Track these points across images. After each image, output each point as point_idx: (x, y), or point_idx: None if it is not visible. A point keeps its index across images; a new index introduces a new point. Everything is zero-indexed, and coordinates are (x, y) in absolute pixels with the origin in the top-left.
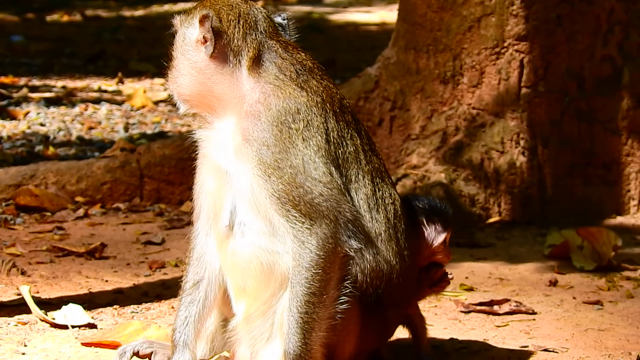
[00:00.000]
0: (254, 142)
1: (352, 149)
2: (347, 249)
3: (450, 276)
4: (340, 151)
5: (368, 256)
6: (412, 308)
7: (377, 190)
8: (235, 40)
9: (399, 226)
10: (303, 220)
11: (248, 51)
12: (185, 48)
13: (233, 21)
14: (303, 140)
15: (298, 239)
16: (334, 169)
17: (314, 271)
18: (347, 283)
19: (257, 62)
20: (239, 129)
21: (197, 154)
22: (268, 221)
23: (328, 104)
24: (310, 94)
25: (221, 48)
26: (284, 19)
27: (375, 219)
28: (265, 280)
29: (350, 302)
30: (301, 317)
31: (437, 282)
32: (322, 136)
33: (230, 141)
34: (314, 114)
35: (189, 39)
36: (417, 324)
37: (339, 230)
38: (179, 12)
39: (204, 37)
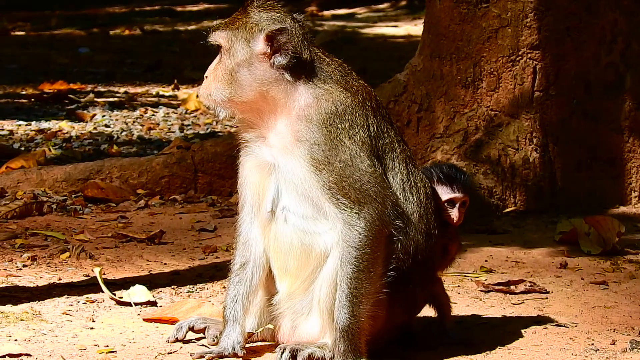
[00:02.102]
0: (305, 141)
1: (388, 140)
2: (392, 229)
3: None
4: (380, 142)
5: (405, 235)
6: (437, 286)
7: (410, 175)
8: (295, 51)
9: (429, 207)
10: (352, 206)
11: (303, 59)
12: (247, 60)
13: (290, 34)
14: (349, 137)
15: (347, 222)
16: (375, 159)
17: (363, 251)
18: (392, 260)
19: (309, 69)
20: (289, 130)
21: (242, 152)
22: (315, 208)
23: (367, 102)
24: (354, 95)
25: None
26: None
27: (409, 201)
28: (305, 260)
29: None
30: (351, 292)
31: (443, 254)
32: (365, 132)
33: (277, 140)
34: (357, 113)
35: (253, 51)
36: (442, 301)
37: (385, 212)
38: (217, 28)
39: (270, 50)
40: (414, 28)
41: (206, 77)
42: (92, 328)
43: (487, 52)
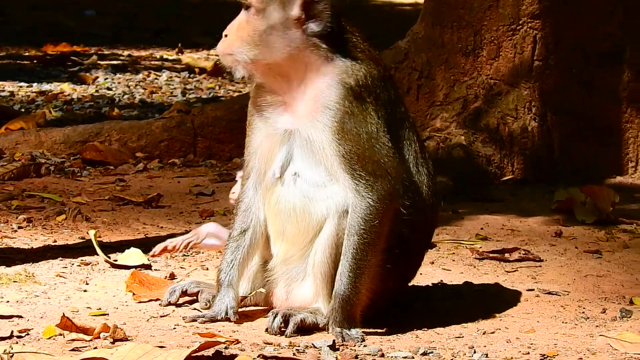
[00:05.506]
0: (333, 110)
1: (403, 109)
2: (400, 206)
3: None
4: (396, 114)
5: (412, 208)
6: None
7: (421, 146)
8: (329, 19)
9: (435, 177)
10: (367, 177)
11: (334, 29)
12: (281, 23)
13: (326, 2)
14: (376, 109)
15: (360, 193)
16: (392, 132)
17: (372, 223)
18: (396, 234)
19: (340, 38)
20: (316, 96)
21: (252, 118)
22: (327, 175)
23: (386, 72)
24: (377, 65)
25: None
26: None
27: (420, 172)
28: (304, 226)
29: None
30: (355, 263)
31: None
32: (386, 104)
33: (301, 106)
34: (382, 84)
35: (288, 15)
36: None
37: (396, 188)
38: None
39: (304, 16)
40: None
41: (226, 35)
42: (85, 290)
43: (487, 21)
